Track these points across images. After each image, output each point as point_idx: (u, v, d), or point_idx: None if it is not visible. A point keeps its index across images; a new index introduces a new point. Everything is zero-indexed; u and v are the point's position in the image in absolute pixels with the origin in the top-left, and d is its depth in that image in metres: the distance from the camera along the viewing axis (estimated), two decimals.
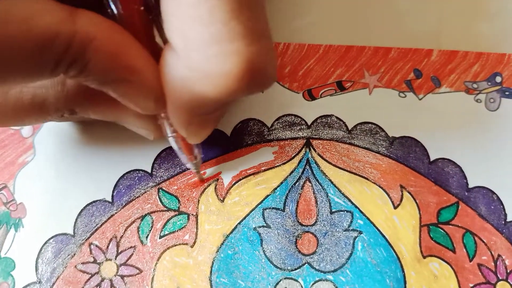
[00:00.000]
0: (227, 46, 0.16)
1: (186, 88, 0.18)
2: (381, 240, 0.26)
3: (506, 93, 0.29)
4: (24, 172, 0.28)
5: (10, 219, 0.27)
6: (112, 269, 0.26)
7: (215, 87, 0.17)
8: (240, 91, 0.17)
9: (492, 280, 0.26)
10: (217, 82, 0.17)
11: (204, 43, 0.16)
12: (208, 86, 0.17)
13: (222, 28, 0.16)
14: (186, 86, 0.18)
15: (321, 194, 0.27)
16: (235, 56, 0.16)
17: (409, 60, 0.29)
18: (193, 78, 0.17)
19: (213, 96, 0.18)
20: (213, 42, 0.16)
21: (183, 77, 0.18)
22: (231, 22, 0.16)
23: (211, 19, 0.16)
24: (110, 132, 0.28)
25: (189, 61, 0.17)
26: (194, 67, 0.17)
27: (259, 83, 0.18)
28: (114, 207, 0.27)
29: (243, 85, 0.17)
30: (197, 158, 0.25)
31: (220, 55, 0.16)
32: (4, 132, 0.29)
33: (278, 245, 0.26)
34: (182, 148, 0.24)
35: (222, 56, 0.16)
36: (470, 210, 0.27)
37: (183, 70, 0.18)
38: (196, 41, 0.16)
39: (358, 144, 0.28)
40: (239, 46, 0.16)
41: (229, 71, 0.17)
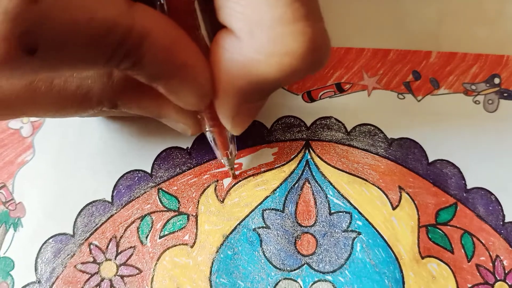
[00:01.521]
0: (292, 27, 0.17)
1: (247, 71, 0.18)
2: (380, 241, 0.26)
3: (505, 94, 0.29)
4: (23, 171, 0.28)
5: (9, 218, 0.27)
6: (111, 269, 0.26)
7: (280, 67, 0.18)
8: (302, 69, 0.18)
9: (490, 281, 0.26)
10: (282, 61, 0.17)
11: (270, 25, 0.17)
12: (273, 66, 0.18)
13: (287, 10, 0.17)
14: (247, 69, 0.18)
15: (320, 195, 0.27)
16: (300, 35, 0.17)
17: (408, 62, 0.30)
18: (257, 60, 0.18)
19: (275, 76, 0.18)
20: (278, 23, 0.17)
21: (245, 60, 0.18)
22: (294, 3, 0.17)
23: (276, 1, 0.17)
24: (110, 132, 0.28)
25: (254, 43, 0.18)
26: (259, 49, 0.18)
27: (319, 62, 0.19)
28: (114, 207, 0.27)
29: (306, 63, 0.18)
30: (232, 154, 0.25)
31: (286, 35, 0.17)
32: (3, 132, 0.29)
33: (278, 246, 0.26)
34: (218, 143, 0.24)
35: (288, 36, 0.17)
36: (469, 211, 0.27)
37: (246, 52, 0.18)
38: (262, 23, 0.17)
39: (357, 145, 0.28)
40: (304, 26, 0.17)
41: (295, 50, 0.17)
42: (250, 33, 0.17)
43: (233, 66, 0.19)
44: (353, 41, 0.30)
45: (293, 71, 0.18)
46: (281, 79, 0.18)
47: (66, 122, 0.28)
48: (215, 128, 0.23)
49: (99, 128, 0.28)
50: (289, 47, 0.17)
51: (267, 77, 0.18)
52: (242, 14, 0.17)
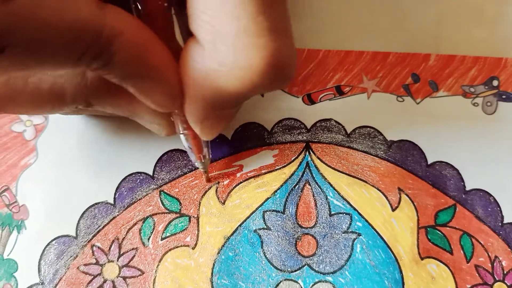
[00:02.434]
0: (255, 40, 0.17)
1: (209, 81, 0.18)
2: (380, 242, 0.26)
3: (503, 96, 0.29)
4: (26, 174, 0.28)
5: (13, 220, 0.27)
6: (114, 270, 0.26)
7: (240, 81, 0.18)
8: (262, 85, 0.18)
9: (489, 281, 0.26)
10: (242, 75, 0.17)
11: (232, 37, 0.17)
12: (233, 80, 0.18)
13: (251, 23, 0.17)
14: (210, 79, 0.18)
15: (321, 196, 0.27)
16: (262, 50, 0.17)
17: (407, 64, 0.30)
18: (218, 71, 0.18)
19: (236, 89, 0.18)
20: (241, 36, 0.17)
21: (208, 71, 0.18)
22: (259, 17, 0.17)
23: (241, 14, 0.16)
24: (112, 135, 0.28)
25: (216, 55, 0.18)
26: (221, 61, 0.18)
27: (281, 78, 0.18)
28: (116, 209, 0.27)
29: (267, 79, 0.18)
30: (206, 158, 0.26)
31: (248, 49, 0.17)
32: (7, 135, 0.29)
33: (278, 247, 0.26)
34: (192, 146, 0.25)
35: (249, 50, 0.17)
36: (467, 212, 0.27)
37: (209, 63, 0.18)
38: (225, 34, 0.17)
39: (357, 147, 0.28)
40: (266, 41, 0.17)
41: (255, 65, 0.17)
42: (213, 43, 0.17)
43: (197, 75, 0.19)
44: (352, 44, 0.30)
45: (253, 86, 0.18)
46: (242, 92, 0.18)
47: (69, 125, 0.29)
48: (188, 131, 0.23)
49: (101, 131, 0.28)
50: (250, 61, 0.17)
51: (228, 89, 0.18)
52: (208, 24, 0.17)
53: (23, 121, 0.29)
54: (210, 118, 0.21)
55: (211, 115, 0.21)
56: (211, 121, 0.21)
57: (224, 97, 0.19)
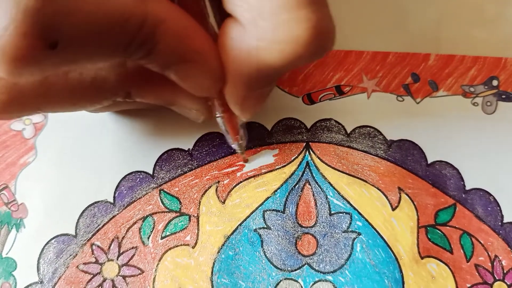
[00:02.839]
0: (296, 13, 0.17)
1: (252, 59, 0.18)
2: (380, 242, 0.26)
3: (503, 96, 0.29)
4: (25, 172, 0.28)
5: (12, 219, 0.27)
6: (114, 269, 0.26)
7: (283, 54, 0.18)
8: (306, 56, 0.18)
9: (489, 280, 0.26)
10: (285, 48, 0.17)
11: (272, 12, 0.17)
12: (276, 54, 0.18)
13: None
14: (252, 56, 0.18)
15: (321, 196, 0.27)
16: (303, 22, 0.17)
17: (407, 64, 0.30)
18: (261, 48, 0.18)
19: (279, 63, 0.18)
20: (281, 11, 0.17)
21: (250, 49, 0.18)
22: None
23: None
24: (111, 134, 0.28)
25: (257, 31, 0.18)
26: (263, 37, 0.18)
27: (323, 48, 0.18)
28: (116, 208, 0.27)
29: (310, 50, 0.18)
30: (242, 139, 0.26)
31: (289, 22, 0.17)
32: (6, 133, 0.29)
33: (278, 246, 0.26)
34: (228, 129, 0.25)
35: (291, 23, 0.17)
36: (467, 211, 0.27)
37: (251, 41, 0.18)
38: (265, 11, 0.17)
39: (357, 147, 0.28)
40: (307, 13, 0.17)
41: (298, 37, 0.17)
42: (254, 21, 0.18)
43: (239, 54, 0.19)
44: (352, 44, 0.30)
45: (297, 58, 0.18)
46: (285, 65, 0.18)
47: (68, 124, 0.29)
48: (225, 114, 0.24)
49: (101, 130, 0.28)
50: (293, 34, 0.17)
51: (271, 64, 0.18)
52: (246, 3, 0.17)
53: (22, 119, 0.29)
54: (251, 97, 0.21)
55: (251, 94, 0.21)
56: (251, 100, 0.21)
57: (266, 73, 0.19)
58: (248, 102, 0.21)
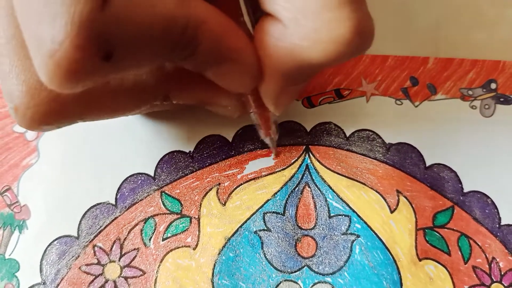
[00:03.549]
0: (338, 12, 0.17)
1: (292, 57, 0.19)
2: (378, 244, 0.27)
3: (501, 99, 0.30)
4: (28, 174, 0.28)
5: (14, 220, 0.27)
6: (115, 270, 0.26)
7: (326, 52, 0.18)
8: (347, 54, 0.18)
9: (486, 282, 0.26)
10: (328, 47, 0.18)
11: (315, 12, 0.17)
12: (319, 52, 0.18)
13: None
14: (293, 55, 0.19)
15: (320, 198, 0.27)
16: (345, 21, 0.17)
17: (405, 68, 0.30)
18: (304, 46, 0.18)
19: (321, 61, 0.18)
20: (324, 10, 0.17)
21: (292, 47, 0.18)
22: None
23: None
24: (113, 136, 0.29)
25: (299, 30, 0.18)
26: (306, 36, 0.18)
27: (364, 45, 0.19)
28: (118, 209, 0.27)
29: (352, 48, 0.18)
30: (274, 134, 0.26)
31: (332, 22, 0.17)
32: (8, 135, 0.29)
33: (278, 248, 0.26)
34: (261, 124, 0.25)
35: (333, 22, 0.17)
36: (465, 214, 0.27)
37: (292, 39, 0.18)
38: (307, 10, 0.17)
39: (356, 150, 0.28)
40: (348, 12, 0.17)
41: (340, 36, 0.17)
42: (296, 20, 0.18)
43: (279, 52, 0.19)
44: None
45: (339, 56, 0.18)
46: (327, 63, 0.19)
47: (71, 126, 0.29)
48: (259, 110, 0.24)
49: (103, 132, 0.29)
50: (335, 33, 0.17)
51: (312, 62, 0.19)
52: (288, 2, 0.18)
53: None
54: (286, 93, 0.21)
55: (287, 90, 0.21)
56: (285, 96, 0.22)
57: (306, 70, 0.19)
58: (283, 98, 0.22)
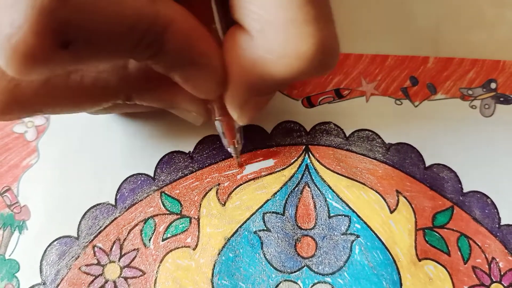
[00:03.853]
0: (302, 29, 0.17)
1: (256, 68, 0.19)
2: (378, 244, 0.27)
3: (501, 99, 0.30)
4: (28, 175, 0.28)
5: (14, 221, 0.27)
6: (115, 271, 0.26)
7: (287, 68, 0.18)
8: (309, 71, 0.18)
9: (486, 282, 0.26)
10: (290, 62, 0.18)
11: (281, 26, 0.17)
12: (280, 67, 0.18)
13: (299, 12, 0.17)
14: (257, 66, 0.19)
15: (320, 198, 0.27)
16: (309, 38, 0.17)
17: (405, 67, 0.30)
18: (266, 58, 0.18)
19: (282, 76, 0.18)
20: (290, 25, 0.17)
21: (256, 58, 0.19)
22: (306, 6, 0.17)
23: (289, 3, 0.17)
24: (113, 137, 0.29)
25: (265, 43, 0.18)
26: (269, 48, 0.18)
27: (327, 64, 0.19)
28: (118, 210, 0.27)
29: (314, 65, 0.18)
30: (238, 143, 0.26)
31: (296, 37, 0.17)
32: (8, 136, 0.29)
33: (278, 248, 0.27)
34: (225, 132, 0.25)
35: (298, 38, 0.17)
36: (465, 214, 0.27)
37: (257, 51, 0.18)
38: (273, 24, 0.17)
39: (356, 150, 0.28)
40: (314, 30, 0.17)
41: (303, 52, 0.18)
42: (262, 32, 0.18)
43: (244, 62, 0.19)
44: (351, 47, 0.30)
45: (301, 72, 0.18)
46: (289, 79, 0.19)
47: (70, 126, 0.29)
48: (223, 118, 0.24)
49: (102, 133, 0.29)
50: (298, 50, 0.17)
51: (275, 75, 0.19)
52: (256, 14, 0.18)
53: (25, 122, 0.29)
54: (250, 103, 0.21)
55: (251, 101, 0.21)
56: (250, 106, 0.22)
57: (269, 83, 0.20)
58: (247, 108, 0.22)
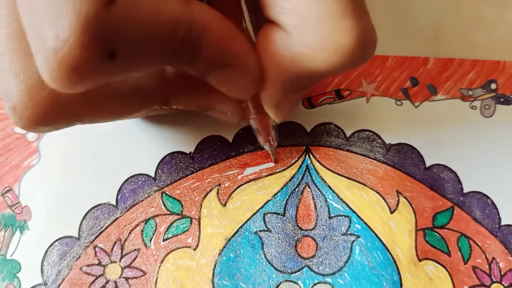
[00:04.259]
0: (341, 22, 0.17)
1: (295, 64, 0.19)
2: (378, 244, 0.27)
3: (501, 99, 0.30)
4: (29, 175, 0.28)
5: (16, 221, 0.27)
6: (116, 271, 0.26)
7: (328, 62, 0.18)
8: (349, 64, 0.18)
9: (486, 282, 0.26)
10: (330, 56, 0.18)
11: (319, 20, 0.17)
12: (321, 61, 0.18)
13: (336, 6, 0.17)
14: (295, 62, 0.19)
15: (320, 199, 0.27)
16: (348, 31, 0.17)
17: (406, 68, 0.30)
18: (305, 54, 0.18)
19: (323, 70, 0.18)
20: (327, 19, 0.17)
21: (294, 55, 0.18)
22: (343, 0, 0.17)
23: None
24: (114, 137, 0.29)
25: (304, 38, 0.18)
26: (308, 44, 0.18)
27: (366, 56, 0.19)
28: (119, 210, 0.27)
29: (354, 58, 0.18)
30: (273, 140, 0.26)
31: (335, 31, 0.17)
32: (9, 136, 0.29)
33: (279, 249, 0.27)
34: (260, 130, 0.25)
35: (336, 32, 0.17)
36: (465, 214, 0.27)
37: (295, 47, 0.18)
38: (311, 18, 0.17)
39: (356, 151, 0.28)
40: (352, 22, 0.17)
41: (343, 46, 0.17)
42: (299, 28, 0.18)
43: (281, 59, 0.19)
44: None
45: (340, 66, 0.18)
46: (329, 72, 0.19)
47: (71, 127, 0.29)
48: (258, 116, 0.24)
49: (103, 134, 0.29)
50: (338, 43, 0.17)
51: (315, 70, 0.19)
52: (292, 10, 0.18)
53: None
54: (286, 100, 0.21)
55: (287, 98, 0.21)
56: (286, 103, 0.22)
57: (306, 78, 0.20)
58: (283, 105, 0.22)
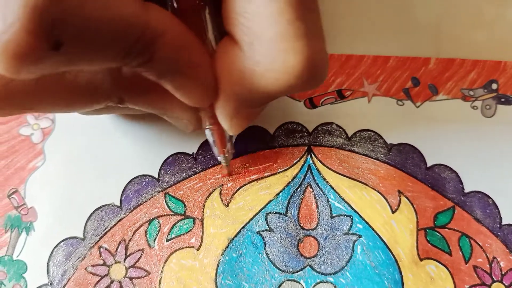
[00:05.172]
0: (291, 44, 0.17)
1: (245, 80, 0.19)
2: (380, 244, 0.27)
3: (502, 99, 0.30)
4: (34, 177, 0.28)
5: (22, 222, 0.28)
6: (121, 271, 0.27)
7: (275, 81, 0.18)
8: (297, 86, 0.18)
9: (487, 282, 0.26)
10: (278, 77, 0.18)
11: (270, 40, 0.17)
12: (269, 80, 0.18)
13: (289, 27, 0.17)
14: (246, 78, 0.19)
15: (322, 199, 0.28)
16: (298, 53, 0.17)
17: (407, 68, 0.30)
18: (255, 71, 0.18)
19: (270, 89, 0.19)
20: (279, 40, 0.17)
21: (245, 70, 0.19)
22: (296, 22, 0.17)
23: (280, 18, 0.17)
24: (118, 138, 0.29)
25: (254, 56, 0.18)
26: (258, 62, 0.18)
27: (314, 80, 0.19)
28: (123, 211, 0.28)
29: (301, 81, 0.18)
30: (229, 152, 0.26)
31: (285, 52, 0.18)
32: (14, 138, 0.29)
33: (281, 248, 0.27)
34: (216, 141, 0.25)
35: (286, 53, 0.18)
36: (466, 214, 0.27)
37: (246, 63, 0.19)
38: (263, 37, 0.18)
39: (358, 151, 0.29)
40: (302, 45, 0.17)
41: (291, 67, 0.18)
42: (251, 45, 0.18)
43: (234, 74, 0.19)
44: (353, 48, 0.30)
45: (288, 87, 0.18)
46: (277, 93, 0.19)
47: (76, 128, 0.29)
48: (214, 126, 0.24)
49: (107, 135, 0.29)
50: (286, 65, 0.18)
51: (264, 89, 0.19)
52: (245, 27, 0.18)
53: (31, 124, 0.29)
54: (240, 114, 0.21)
55: (242, 112, 0.21)
56: (240, 117, 0.22)
57: (257, 95, 0.20)
58: (237, 119, 0.22)
